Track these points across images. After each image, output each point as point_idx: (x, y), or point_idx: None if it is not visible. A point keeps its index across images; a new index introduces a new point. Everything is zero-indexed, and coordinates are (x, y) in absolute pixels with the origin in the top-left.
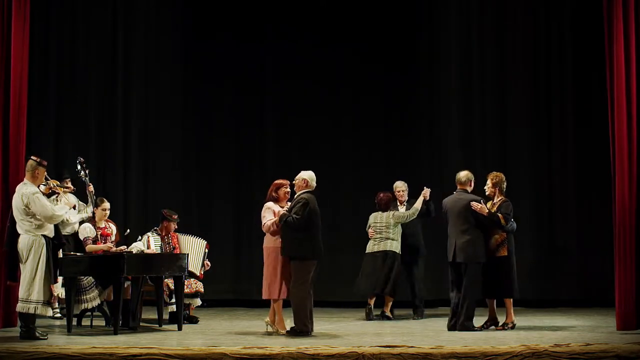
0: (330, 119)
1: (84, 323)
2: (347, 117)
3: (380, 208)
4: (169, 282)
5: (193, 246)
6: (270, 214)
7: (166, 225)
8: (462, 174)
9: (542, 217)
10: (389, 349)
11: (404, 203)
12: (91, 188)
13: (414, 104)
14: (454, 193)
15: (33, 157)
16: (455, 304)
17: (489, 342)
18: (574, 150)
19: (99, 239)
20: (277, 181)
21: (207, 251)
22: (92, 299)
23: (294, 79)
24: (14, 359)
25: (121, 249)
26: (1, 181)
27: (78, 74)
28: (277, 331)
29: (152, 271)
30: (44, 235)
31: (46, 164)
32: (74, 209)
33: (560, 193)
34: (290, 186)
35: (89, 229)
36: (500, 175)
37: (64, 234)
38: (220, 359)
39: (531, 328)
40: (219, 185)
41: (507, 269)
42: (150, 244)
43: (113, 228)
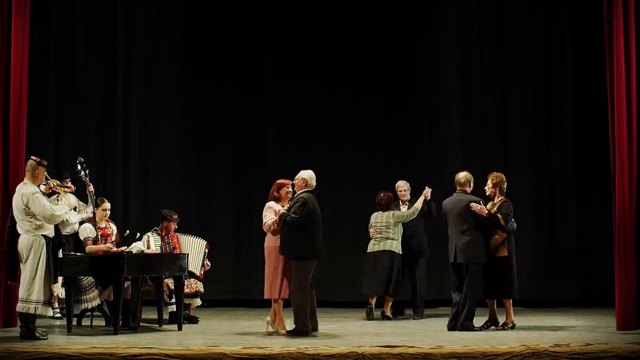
0: (330, 119)
1: (84, 323)
2: (347, 117)
3: (380, 208)
4: (169, 282)
5: (193, 246)
6: (272, 213)
7: (166, 225)
8: (460, 175)
9: (542, 217)
10: (389, 349)
11: (406, 202)
12: (91, 188)
13: (414, 104)
14: (454, 194)
15: (33, 157)
16: (457, 305)
17: (489, 342)
18: (574, 150)
19: (100, 239)
20: (279, 181)
21: (207, 251)
22: (92, 299)
23: (294, 79)
24: (14, 359)
25: (122, 249)
26: (1, 181)
27: (78, 74)
28: (277, 331)
29: (152, 271)
30: (44, 235)
31: (46, 163)
32: (74, 210)
33: (560, 193)
34: (292, 186)
35: (90, 229)
36: (501, 175)
37: (64, 234)
38: (220, 359)
39: (531, 328)
40: (219, 185)
41: (508, 269)
42: (150, 244)
43: (113, 228)
